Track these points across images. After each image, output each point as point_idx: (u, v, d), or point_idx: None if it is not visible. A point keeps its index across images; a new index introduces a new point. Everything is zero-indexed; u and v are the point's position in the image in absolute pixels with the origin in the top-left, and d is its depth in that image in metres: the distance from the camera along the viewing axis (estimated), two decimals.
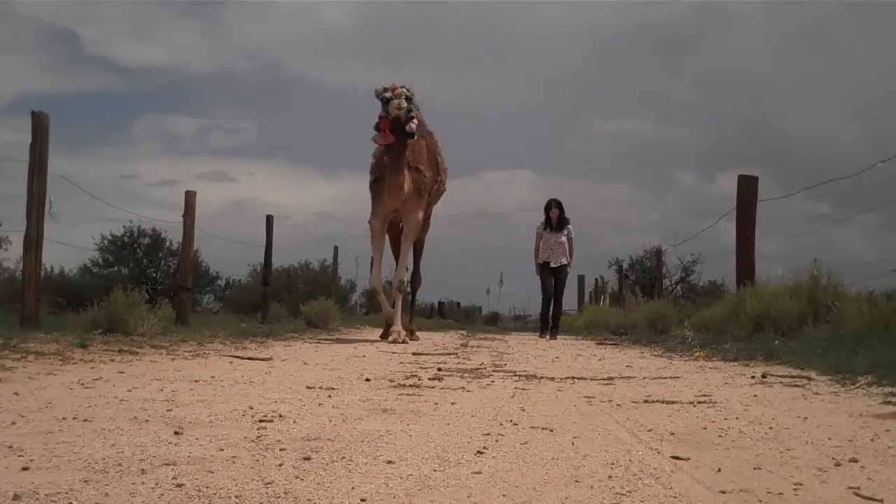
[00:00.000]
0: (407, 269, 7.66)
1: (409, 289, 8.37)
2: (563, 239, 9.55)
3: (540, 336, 9.63)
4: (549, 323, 9.57)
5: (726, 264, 7.19)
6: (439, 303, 32.19)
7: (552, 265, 9.52)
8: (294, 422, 2.02)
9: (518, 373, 3.68)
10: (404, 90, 6.65)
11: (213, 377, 3.14)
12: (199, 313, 12.15)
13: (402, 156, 6.78)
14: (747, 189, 6.46)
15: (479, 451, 1.65)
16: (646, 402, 2.56)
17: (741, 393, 2.83)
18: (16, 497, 1.21)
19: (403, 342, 6.73)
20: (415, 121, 6.69)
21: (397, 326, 7.10)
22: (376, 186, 7.16)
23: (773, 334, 4.92)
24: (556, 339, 9.15)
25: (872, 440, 1.83)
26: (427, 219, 7.75)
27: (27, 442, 1.65)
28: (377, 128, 6.70)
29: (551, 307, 9.63)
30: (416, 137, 6.82)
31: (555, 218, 9.61)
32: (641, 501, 1.28)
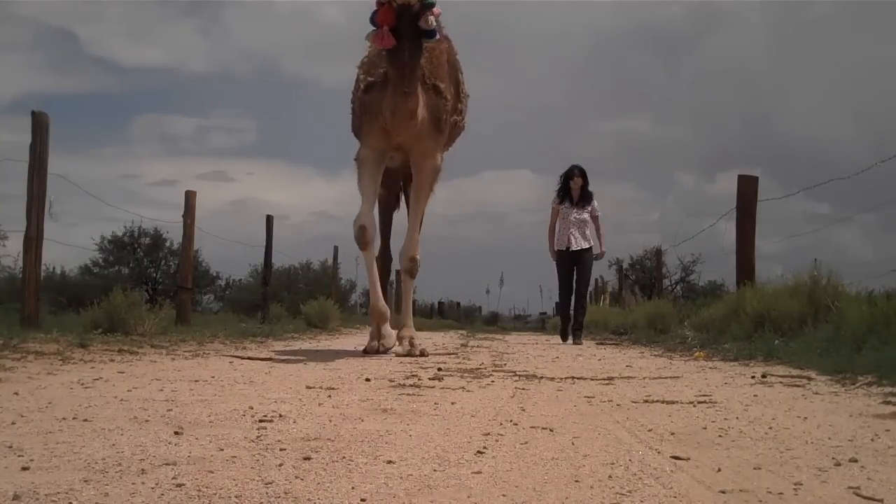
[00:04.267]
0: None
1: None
2: (587, 216, 7.64)
3: (562, 340, 7.83)
4: (572, 323, 7.70)
5: (726, 264, 7.19)
6: (439, 303, 32.26)
7: (572, 249, 7.59)
8: (294, 422, 2.02)
9: (518, 373, 3.68)
10: None
11: (213, 377, 3.14)
12: (199, 313, 12.16)
13: (415, 68, 4.30)
14: (747, 189, 6.47)
15: (479, 451, 1.65)
16: (646, 401, 2.56)
17: (741, 393, 2.83)
18: (16, 497, 1.21)
19: (408, 352, 4.79)
20: (435, 10, 4.25)
21: (410, 331, 5.05)
22: (369, 98, 4.65)
23: (773, 334, 4.92)
24: (580, 342, 7.46)
25: (872, 440, 1.83)
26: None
27: (27, 442, 1.65)
28: (374, 21, 4.23)
29: (572, 303, 7.71)
30: (436, 38, 4.41)
31: (577, 189, 7.64)
32: (641, 501, 1.28)
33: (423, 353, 4.82)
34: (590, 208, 7.68)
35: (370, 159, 4.77)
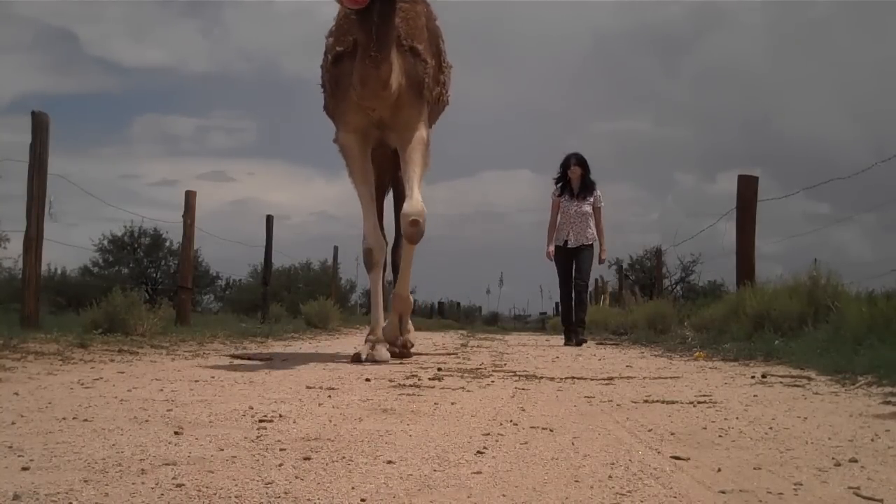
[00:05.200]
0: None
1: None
2: (588, 208, 7.04)
3: (566, 343, 7.20)
4: (573, 324, 7.15)
5: (726, 264, 7.18)
6: (439, 303, 32.27)
7: (570, 244, 7.02)
8: (294, 422, 2.02)
9: (518, 373, 3.68)
10: None
11: (213, 377, 3.14)
12: (199, 313, 12.18)
13: (388, 29, 3.75)
14: (747, 189, 6.46)
15: (479, 451, 1.65)
16: (646, 402, 2.56)
17: (741, 393, 2.83)
18: (16, 497, 1.21)
19: (403, 351, 4.60)
20: None
21: (409, 331, 4.76)
22: (338, 71, 4.18)
23: (773, 334, 4.92)
24: (581, 343, 7.02)
25: (872, 440, 1.83)
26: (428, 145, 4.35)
27: (27, 442, 1.65)
28: None
29: (573, 302, 7.13)
30: None
31: (576, 179, 7.04)
32: (641, 501, 1.28)
33: (404, 347, 4.62)
34: (591, 199, 7.10)
35: (355, 146, 4.30)
